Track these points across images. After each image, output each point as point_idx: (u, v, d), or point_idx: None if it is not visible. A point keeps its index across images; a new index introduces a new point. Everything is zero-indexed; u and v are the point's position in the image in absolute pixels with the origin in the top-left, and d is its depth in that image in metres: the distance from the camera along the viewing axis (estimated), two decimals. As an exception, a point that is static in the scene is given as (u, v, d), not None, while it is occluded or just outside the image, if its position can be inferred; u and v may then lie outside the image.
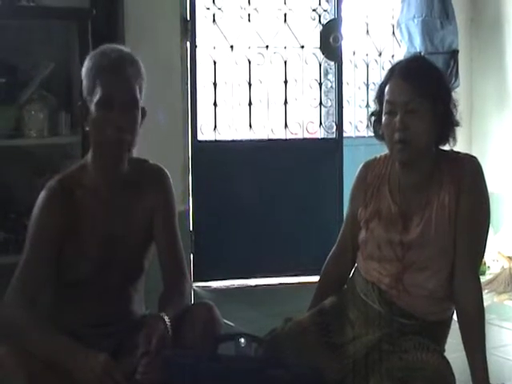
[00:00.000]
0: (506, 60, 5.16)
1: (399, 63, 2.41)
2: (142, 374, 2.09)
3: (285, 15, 4.87)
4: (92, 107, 2.24)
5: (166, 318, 2.18)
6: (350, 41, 5.15)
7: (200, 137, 4.67)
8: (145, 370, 2.09)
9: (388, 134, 2.32)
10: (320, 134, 5.07)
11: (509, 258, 4.89)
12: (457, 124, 2.34)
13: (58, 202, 2.26)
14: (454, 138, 2.35)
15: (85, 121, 2.29)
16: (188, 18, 4.51)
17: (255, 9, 4.80)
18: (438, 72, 2.42)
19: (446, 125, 2.32)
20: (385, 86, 2.35)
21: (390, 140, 2.31)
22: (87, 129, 2.30)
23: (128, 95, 2.24)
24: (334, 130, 5.00)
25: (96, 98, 2.22)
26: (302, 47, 4.93)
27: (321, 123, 5.03)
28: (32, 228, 2.27)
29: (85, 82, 2.27)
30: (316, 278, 2.69)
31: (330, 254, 2.64)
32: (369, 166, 2.51)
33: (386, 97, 2.32)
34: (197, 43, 4.59)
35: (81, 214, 2.29)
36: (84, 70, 2.28)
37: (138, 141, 2.30)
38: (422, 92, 2.26)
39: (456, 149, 2.40)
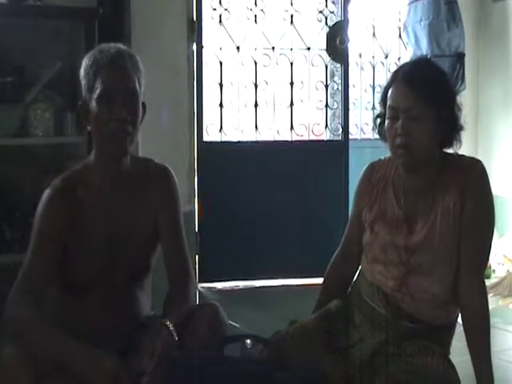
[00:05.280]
0: (512, 63, 5.16)
1: (403, 66, 2.38)
2: (147, 383, 2.07)
3: (291, 17, 4.87)
4: (93, 103, 2.23)
5: (170, 325, 2.17)
6: (356, 43, 5.14)
7: (206, 138, 4.67)
8: (149, 379, 2.07)
9: (390, 139, 2.30)
10: (326, 136, 5.06)
11: (514, 261, 4.89)
12: (461, 128, 2.32)
13: (62, 200, 2.26)
14: (459, 141, 2.33)
15: (86, 120, 2.29)
16: (194, 19, 4.51)
17: (262, 10, 4.80)
18: (443, 75, 2.37)
19: (450, 129, 2.30)
20: (388, 89, 2.33)
21: (392, 145, 2.29)
22: (89, 128, 2.30)
23: (128, 88, 2.24)
24: (340, 132, 5.00)
25: (96, 93, 2.22)
26: (309, 49, 4.92)
27: (327, 125, 5.03)
28: (36, 226, 2.26)
29: (84, 81, 2.26)
30: (321, 280, 2.68)
31: (335, 255, 2.63)
32: (374, 167, 2.50)
33: (389, 101, 2.30)
34: (203, 44, 4.59)
35: (84, 212, 2.28)
36: (83, 70, 2.27)
37: (143, 141, 2.30)
38: (425, 98, 2.23)
39: (462, 152, 2.38)
